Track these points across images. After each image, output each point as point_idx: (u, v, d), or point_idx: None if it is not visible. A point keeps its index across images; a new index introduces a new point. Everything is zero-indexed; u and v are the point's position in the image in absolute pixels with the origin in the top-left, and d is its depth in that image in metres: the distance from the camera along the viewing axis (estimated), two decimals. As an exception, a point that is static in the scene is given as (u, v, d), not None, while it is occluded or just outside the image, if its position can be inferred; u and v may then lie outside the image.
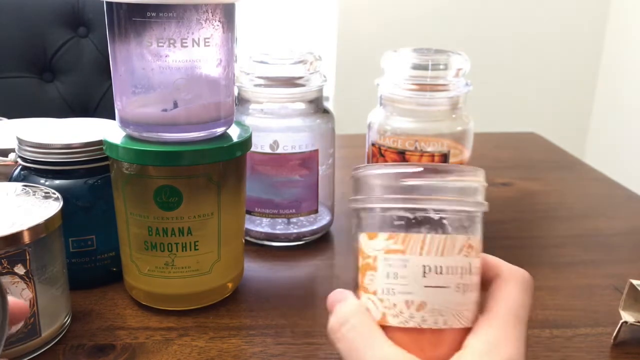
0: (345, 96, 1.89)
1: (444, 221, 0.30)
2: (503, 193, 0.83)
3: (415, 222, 0.30)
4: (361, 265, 0.32)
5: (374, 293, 0.31)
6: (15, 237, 0.43)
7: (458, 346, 0.31)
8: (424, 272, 0.30)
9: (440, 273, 0.30)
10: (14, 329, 0.36)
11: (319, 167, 0.63)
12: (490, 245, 0.67)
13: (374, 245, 0.31)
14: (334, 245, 0.66)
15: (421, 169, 0.31)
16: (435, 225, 0.30)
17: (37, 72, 1.22)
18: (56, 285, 0.48)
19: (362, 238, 0.32)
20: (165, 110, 0.48)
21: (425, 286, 0.30)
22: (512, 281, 0.32)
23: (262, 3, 1.89)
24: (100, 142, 0.52)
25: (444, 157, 0.60)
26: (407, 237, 0.30)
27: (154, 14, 0.45)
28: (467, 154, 0.64)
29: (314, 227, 0.65)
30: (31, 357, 0.46)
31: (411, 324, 0.30)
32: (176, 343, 0.48)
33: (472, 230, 0.31)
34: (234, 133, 0.52)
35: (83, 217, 0.53)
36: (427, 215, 0.30)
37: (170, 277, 0.51)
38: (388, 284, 0.30)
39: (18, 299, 0.43)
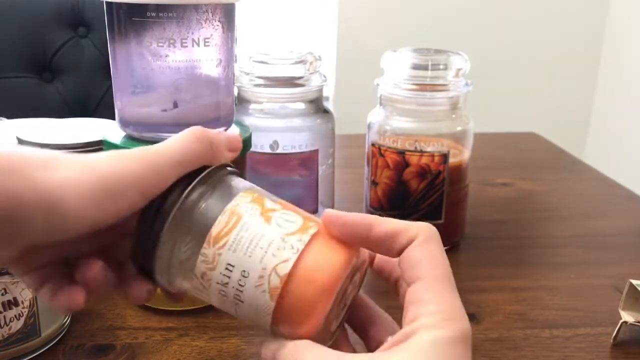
0: (345, 96, 1.89)
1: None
2: (503, 193, 0.83)
3: None
4: None
5: None
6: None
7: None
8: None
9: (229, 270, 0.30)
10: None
11: (319, 167, 0.63)
12: (491, 245, 0.68)
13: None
14: (333, 245, 0.66)
15: None
16: None
17: (36, 72, 1.22)
18: (56, 285, 0.47)
19: None
20: (165, 110, 0.48)
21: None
22: (433, 241, 0.30)
23: (262, 3, 1.89)
24: (100, 142, 0.52)
25: (444, 157, 0.61)
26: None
27: (154, 14, 0.45)
28: (467, 154, 0.64)
29: (314, 227, 0.65)
30: (31, 357, 0.46)
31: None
32: (176, 343, 0.48)
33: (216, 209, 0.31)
34: (234, 133, 0.52)
35: (83, 217, 0.53)
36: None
37: (170, 277, 0.51)
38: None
39: (17, 297, 0.43)
